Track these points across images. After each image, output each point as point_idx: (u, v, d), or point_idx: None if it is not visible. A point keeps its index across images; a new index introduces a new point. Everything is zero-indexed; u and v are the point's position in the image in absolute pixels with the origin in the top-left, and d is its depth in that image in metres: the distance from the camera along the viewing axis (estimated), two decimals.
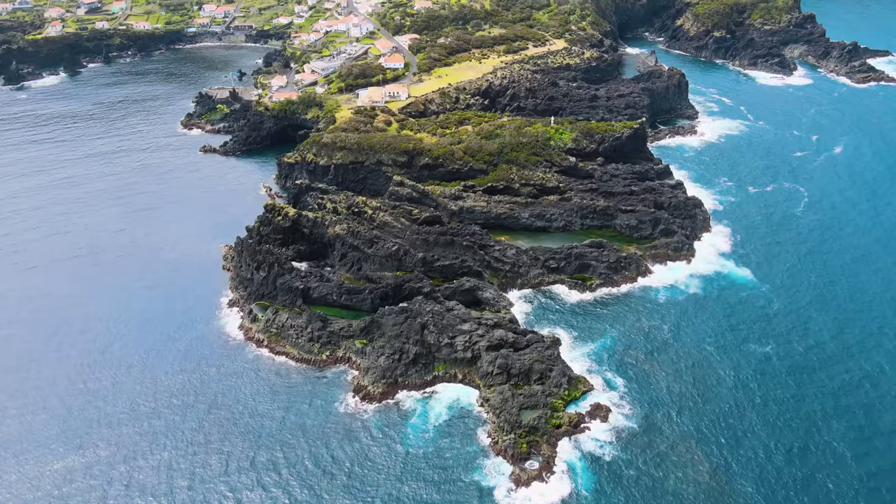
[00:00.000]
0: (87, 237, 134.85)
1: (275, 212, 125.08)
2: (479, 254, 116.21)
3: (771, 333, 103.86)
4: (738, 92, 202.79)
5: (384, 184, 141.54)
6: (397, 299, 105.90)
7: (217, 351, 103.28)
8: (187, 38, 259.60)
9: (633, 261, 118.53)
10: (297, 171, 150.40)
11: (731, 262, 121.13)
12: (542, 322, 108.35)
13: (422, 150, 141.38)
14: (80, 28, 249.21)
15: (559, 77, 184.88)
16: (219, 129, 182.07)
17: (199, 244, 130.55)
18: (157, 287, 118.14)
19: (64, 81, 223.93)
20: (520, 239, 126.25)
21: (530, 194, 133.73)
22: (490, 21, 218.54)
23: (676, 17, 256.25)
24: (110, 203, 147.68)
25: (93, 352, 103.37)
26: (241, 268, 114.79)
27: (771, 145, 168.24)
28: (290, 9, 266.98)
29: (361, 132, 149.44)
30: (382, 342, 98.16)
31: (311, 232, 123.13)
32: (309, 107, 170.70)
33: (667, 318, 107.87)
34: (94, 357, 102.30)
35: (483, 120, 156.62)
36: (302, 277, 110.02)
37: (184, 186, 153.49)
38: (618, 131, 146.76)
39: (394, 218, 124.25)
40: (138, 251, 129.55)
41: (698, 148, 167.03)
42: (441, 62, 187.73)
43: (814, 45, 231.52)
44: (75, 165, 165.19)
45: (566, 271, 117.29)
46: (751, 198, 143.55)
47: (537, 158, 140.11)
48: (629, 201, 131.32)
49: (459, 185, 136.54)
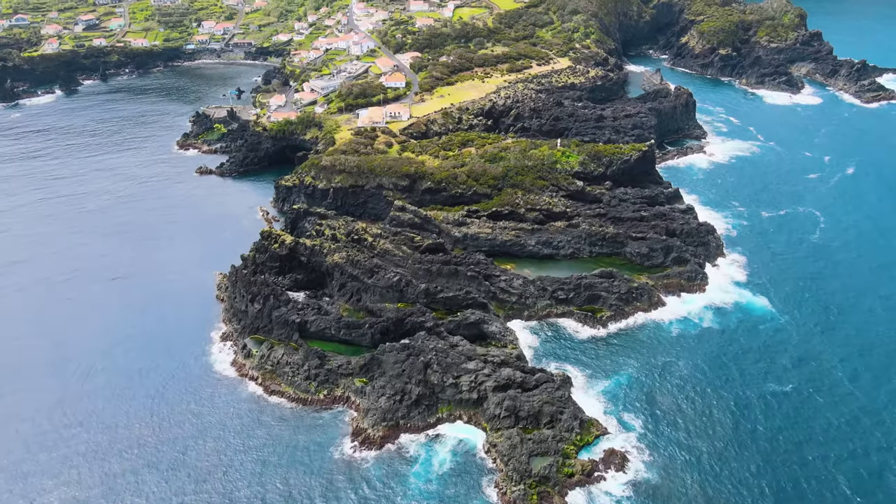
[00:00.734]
0: (73, 261, 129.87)
1: (271, 239, 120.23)
2: (485, 284, 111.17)
3: (793, 371, 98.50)
4: (746, 111, 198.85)
5: (385, 208, 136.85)
6: (399, 334, 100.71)
7: (207, 389, 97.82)
8: (186, 55, 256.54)
9: (645, 291, 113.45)
10: (294, 194, 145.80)
11: (748, 291, 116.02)
12: (551, 357, 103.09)
13: (424, 173, 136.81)
14: (77, 45, 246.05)
15: (564, 96, 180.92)
16: (215, 150, 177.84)
17: (192, 271, 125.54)
18: (145, 317, 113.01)
19: (59, 99, 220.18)
20: (526, 267, 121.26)
21: (536, 220, 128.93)
22: (493, 39, 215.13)
23: (681, 35, 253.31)
24: (100, 226, 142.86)
25: (71, 387, 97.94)
26: (235, 299, 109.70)
27: (782, 167, 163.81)
28: (290, 26, 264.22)
29: (361, 154, 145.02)
30: (383, 381, 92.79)
31: (308, 260, 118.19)
32: (308, 127, 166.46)
33: (682, 354, 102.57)
34: (73, 393, 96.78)
35: (487, 141, 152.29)
36: (299, 310, 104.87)
37: (178, 209, 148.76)
38: (626, 154, 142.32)
39: (395, 246, 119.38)
40: (127, 277, 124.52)
41: (708, 169, 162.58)
42: (443, 81, 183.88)
43: (821, 62, 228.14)
44: (65, 185, 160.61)
45: (575, 302, 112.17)
46: (765, 222, 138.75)
47: (543, 182, 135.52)
48: (639, 228, 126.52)
49: (463, 210, 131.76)
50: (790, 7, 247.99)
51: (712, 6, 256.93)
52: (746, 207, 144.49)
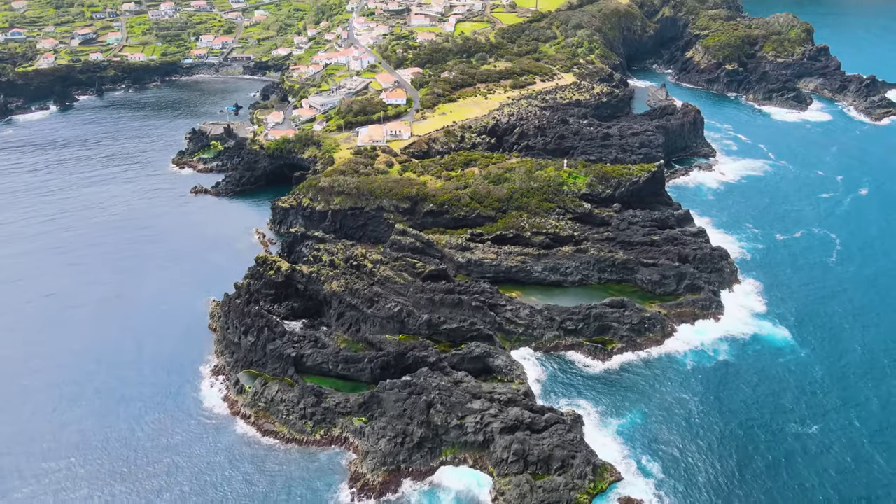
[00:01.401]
0: (56, 284, 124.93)
1: (266, 265, 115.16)
2: (490, 315, 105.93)
3: (815, 409, 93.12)
4: (755, 128, 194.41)
5: (385, 231, 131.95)
6: (400, 370, 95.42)
7: (197, 427, 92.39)
8: (183, 69, 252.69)
9: (658, 321, 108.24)
10: (292, 216, 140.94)
11: (765, 322, 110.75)
12: (561, 393, 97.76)
13: (425, 195, 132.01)
14: (73, 60, 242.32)
15: (569, 113, 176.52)
16: (211, 168, 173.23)
17: (184, 297, 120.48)
18: (131, 347, 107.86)
19: (53, 115, 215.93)
20: (532, 295, 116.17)
21: (542, 244, 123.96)
22: (495, 54, 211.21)
23: (686, 50, 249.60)
24: (89, 248, 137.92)
25: (51, 424, 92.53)
26: (228, 330, 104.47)
27: (795, 187, 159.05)
28: (290, 40, 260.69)
29: (361, 175, 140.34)
30: (384, 422, 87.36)
31: (305, 288, 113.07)
32: (306, 145, 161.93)
33: (698, 390, 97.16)
34: (53, 431, 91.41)
35: (490, 161, 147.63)
36: (294, 343, 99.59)
37: (171, 231, 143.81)
38: (635, 175, 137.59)
39: (395, 273, 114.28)
40: (116, 303, 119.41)
41: (718, 189, 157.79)
42: (445, 98, 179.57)
43: (829, 78, 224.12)
44: (55, 205, 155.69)
45: (585, 333, 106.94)
46: (779, 246, 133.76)
47: (550, 205, 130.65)
48: (650, 253, 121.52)
49: (466, 234, 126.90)
50: (797, 22, 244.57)
51: (717, 21, 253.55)
52: (760, 229, 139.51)
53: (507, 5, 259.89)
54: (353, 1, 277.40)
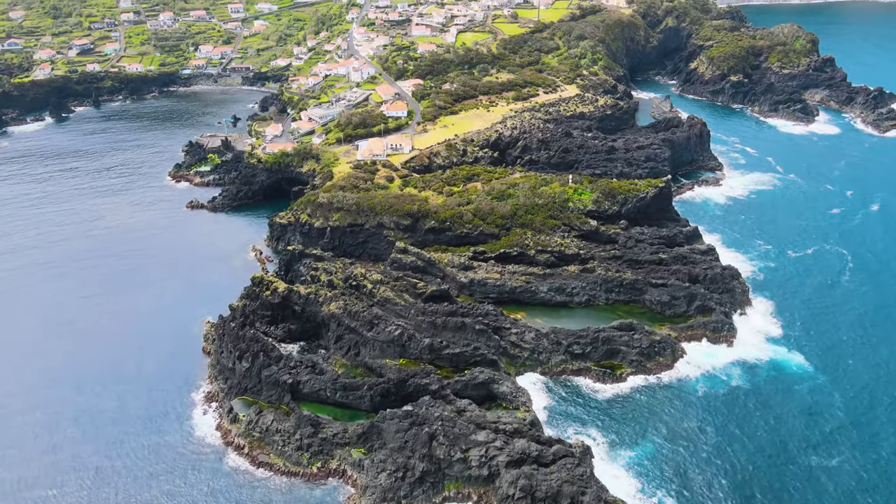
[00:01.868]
0: (47, 300, 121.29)
1: (263, 285, 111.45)
2: (494, 339, 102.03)
3: (838, 440, 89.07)
4: (761, 141, 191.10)
5: (385, 248, 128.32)
6: (401, 397, 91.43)
7: (187, 459, 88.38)
8: (181, 80, 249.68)
9: (668, 345, 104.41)
10: (290, 232, 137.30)
11: (779, 345, 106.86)
12: (569, 421, 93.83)
13: (427, 212, 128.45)
14: (69, 70, 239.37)
15: (573, 126, 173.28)
16: (208, 182, 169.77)
17: (178, 317, 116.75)
18: (122, 370, 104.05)
19: (49, 127, 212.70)
20: (538, 316, 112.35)
21: (548, 262, 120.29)
22: (497, 65, 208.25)
23: (689, 60, 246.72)
24: (81, 264, 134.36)
25: (29, 453, 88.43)
26: (222, 354, 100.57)
27: (804, 201, 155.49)
28: (289, 50, 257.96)
29: (361, 190, 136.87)
30: (384, 455, 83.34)
31: (303, 310, 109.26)
32: (305, 159, 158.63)
33: (712, 418, 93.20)
34: (29, 460, 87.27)
35: (493, 176, 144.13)
36: (291, 369, 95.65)
37: (165, 248, 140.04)
38: (642, 191, 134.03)
39: (396, 293, 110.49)
40: (106, 323, 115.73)
41: (726, 205, 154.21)
42: (446, 110, 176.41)
43: (835, 89, 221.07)
44: (46, 219, 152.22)
45: (592, 358, 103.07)
46: (791, 263, 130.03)
47: (555, 222, 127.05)
48: (659, 272, 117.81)
49: (469, 252, 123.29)
50: (802, 32, 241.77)
51: (721, 31, 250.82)
52: (771, 246, 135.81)
53: (508, 16, 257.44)
54: (354, 11, 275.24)
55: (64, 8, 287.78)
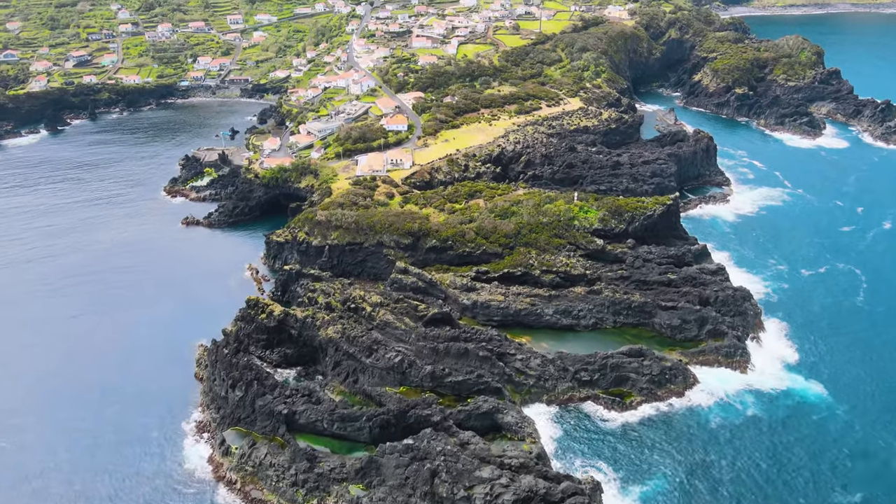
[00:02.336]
0: (36, 321, 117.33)
1: (258, 308, 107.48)
2: (498, 366, 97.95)
3: (860, 475, 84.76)
4: (769, 155, 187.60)
5: (385, 268, 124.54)
6: (401, 429, 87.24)
7: (176, 494, 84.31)
8: (179, 92, 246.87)
9: (679, 371, 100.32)
10: (287, 250, 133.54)
11: (795, 372, 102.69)
12: (577, 452, 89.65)
13: (428, 230, 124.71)
14: (66, 82, 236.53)
15: (577, 140, 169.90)
16: (204, 197, 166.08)
17: (170, 341, 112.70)
18: (110, 395, 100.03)
19: (44, 140, 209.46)
20: (543, 340, 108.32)
21: (553, 283, 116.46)
22: (499, 78, 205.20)
23: (693, 72, 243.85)
24: (71, 282, 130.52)
25: (10, 483, 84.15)
26: (215, 382, 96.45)
27: (815, 218, 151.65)
28: (288, 62, 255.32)
29: (360, 207, 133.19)
30: (383, 492, 79.10)
31: (300, 334, 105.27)
32: (303, 174, 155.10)
33: (727, 451, 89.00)
34: (6, 491, 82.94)
35: (496, 192, 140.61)
36: (286, 398, 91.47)
37: (159, 265, 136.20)
38: (649, 208, 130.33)
39: (396, 317, 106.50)
40: (95, 345, 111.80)
41: (734, 221, 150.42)
42: (448, 124, 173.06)
43: (842, 102, 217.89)
44: (36, 236, 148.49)
45: (601, 385, 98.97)
46: (805, 283, 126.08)
47: (560, 241, 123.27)
48: (668, 294, 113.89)
49: (471, 272, 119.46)
50: (807, 44, 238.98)
51: (725, 43, 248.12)
52: (783, 266, 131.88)
53: (510, 27, 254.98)
54: (354, 23, 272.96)
55: (62, 19, 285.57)
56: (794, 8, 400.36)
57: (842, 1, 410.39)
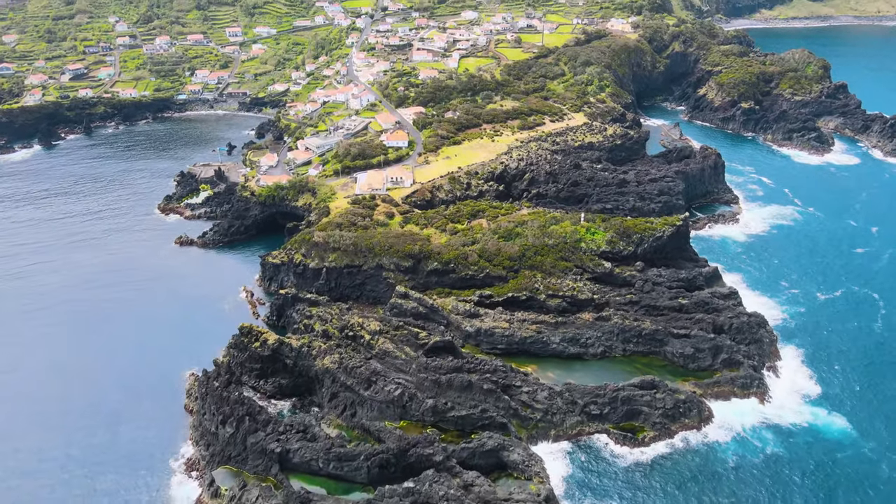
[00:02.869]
0: (19, 344, 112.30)
1: (251, 336, 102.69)
2: (504, 399, 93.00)
3: None
4: (777, 171, 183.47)
5: (385, 291, 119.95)
6: (401, 469, 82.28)
7: None
8: (176, 105, 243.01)
9: (694, 404, 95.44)
10: (283, 272, 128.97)
11: (817, 405, 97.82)
12: (587, 494, 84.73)
13: (429, 252, 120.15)
14: (61, 96, 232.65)
15: (581, 157, 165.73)
16: (199, 215, 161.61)
17: (160, 369, 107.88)
18: (94, 428, 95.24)
19: (37, 155, 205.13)
20: (550, 369, 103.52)
21: (559, 308, 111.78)
22: (501, 92, 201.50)
23: (698, 86, 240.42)
24: (56, 305, 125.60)
25: None
26: (205, 416, 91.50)
27: (827, 239, 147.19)
28: (287, 75, 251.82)
29: (359, 227, 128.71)
30: None
31: (295, 363, 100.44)
32: (300, 193, 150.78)
33: (747, 492, 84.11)
34: None
35: (500, 212, 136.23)
36: (280, 435, 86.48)
37: (150, 288, 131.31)
38: (658, 229, 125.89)
39: (396, 346, 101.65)
40: (79, 372, 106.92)
41: (745, 242, 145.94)
42: (449, 140, 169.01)
43: (850, 117, 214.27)
44: (24, 256, 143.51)
45: (611, 419, 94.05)
46: (821, 308, 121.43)
47: (566, 264, 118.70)
48: (680, 321, 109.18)
49: (474, 296, 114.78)
50: (813, 58, 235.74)
51: (730, 57, 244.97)
52: (797, 289, 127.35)
53: (512, 40, 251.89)
54: (354, 35, 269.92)
55: (59, 32, 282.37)
56: (796, 21, 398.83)
57: (843, 13, 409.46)
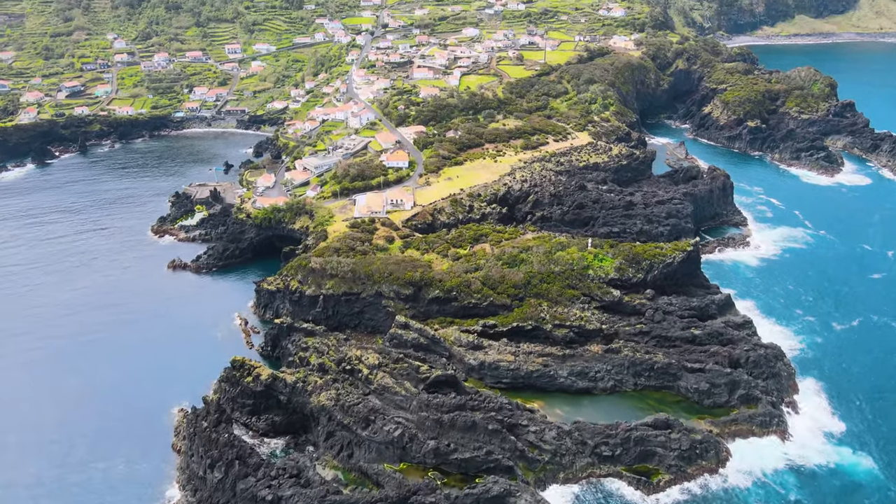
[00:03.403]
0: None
1: (243, 370, 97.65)
2: (510, 440, 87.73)
3: None
4: (786, 192, 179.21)
5: (384, 320, 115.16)
6: None
7: None
8: (174, 123, 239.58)
9: (711, 445, 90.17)
10: (278, 299, 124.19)
11: (840, 444, 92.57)
12: None
13: (431, 279, 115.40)
14: (56, 114, 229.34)
15: (586, 178, 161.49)
16: (193, 238, 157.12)
17: (147, 403, 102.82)
18: (76, 467, 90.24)
19: (29, 174, 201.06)
20: (557, 405, 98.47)
21: (566, 339, 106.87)
22: (503, 111, 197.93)
23: (702, 104, 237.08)
24: (45, 331, 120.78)
25: None
26: (192, 458, 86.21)
27: (841, 263, 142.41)
28: (287, 92, 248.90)
29: (357, 253, 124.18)
30: None
31: (289, 400, 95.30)
32: (297, 215, 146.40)
33: None
34: None
35: (503, 236, 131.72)
36: (272, 480, 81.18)
37: (139, 315, 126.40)
38: (668, 255, 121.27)
39: (396, 381, 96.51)
40: (59, 405, 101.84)
41: (758, 267, 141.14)
42: (451, 160, 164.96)
43: (858, 136, 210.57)
44: (11, 279, 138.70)
45: (623, 461, 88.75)
46: (838, 338, 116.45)
47: (573, 292, 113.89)
48: (693, 353, 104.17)
49: (477, 325, 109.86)
50: (819, 76, 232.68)
51: (734, 74, 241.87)
52: (812, 317, 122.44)
53: (513, 58, 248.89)
54: (354, 52, 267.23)
55: (56, 49, 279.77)
56: (797, 37, 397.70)
57: (845, 30, 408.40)
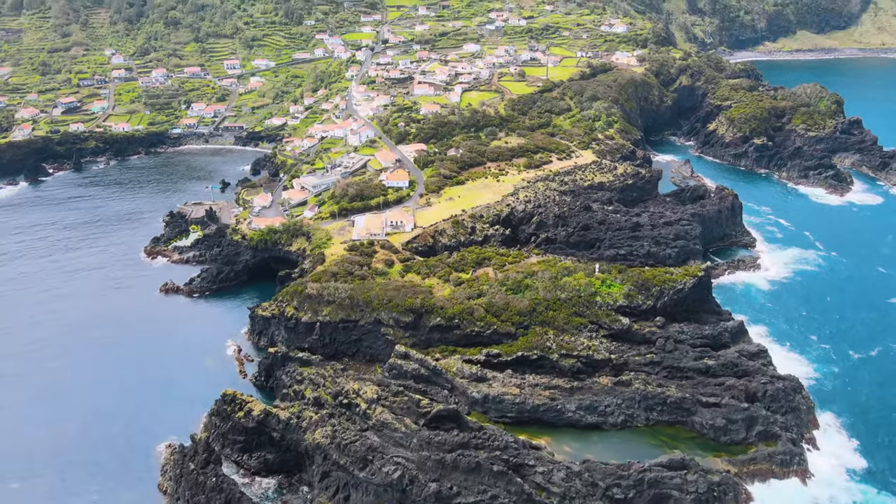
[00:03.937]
0: None
1: (235, 405, 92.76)
2: (516, 482, 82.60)
3: None
4: (796, 211, 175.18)
5: (383, 348, 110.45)
6: None
7: None
8: (170, 140, 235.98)
9: (730, 487, 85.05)
10: (273, 326, 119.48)
11: (865, 483, 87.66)
12: None
13: (432, 306, 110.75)
14: (51, 130, 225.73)
15: (592, 198, 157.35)
16: (187, 259, 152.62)
17: (132, 438, 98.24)
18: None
19: (22, 191, 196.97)
20: (565, 441, 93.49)
21: (574, 369, 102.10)
22: (506, 128, 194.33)
23: (707, 121, 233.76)
24: (25, 361, 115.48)
25: None
26: (179, 502, 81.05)
27: (856, 287, 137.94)
28: (285, 108, 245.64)
29: (356, 277, 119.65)
30: None
31: (282, 437, 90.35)
32: (294, 236, 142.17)
33: None
34: None
35: (507, 260, 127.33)
36: None
37: (130, 342, 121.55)
38: (679, 280, 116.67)
39: (395, 416, 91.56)
40: (40, 438, 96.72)
41: (769, 291, 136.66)
42: (452, 180, 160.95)
43: (867, 153, 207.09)
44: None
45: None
46: (857, 368, 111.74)
47: (580, 320, 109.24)
48: (708, 386, 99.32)
49: (481, 354, 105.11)
50: (825, 93, 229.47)
51: (739, 91, 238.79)
52: (829, 345, 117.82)
53: (515, 74, 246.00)
54: (354, 68, 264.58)
55: (54, 64, 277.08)
56: (799, 53, 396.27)
57: (847, 46, 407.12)
